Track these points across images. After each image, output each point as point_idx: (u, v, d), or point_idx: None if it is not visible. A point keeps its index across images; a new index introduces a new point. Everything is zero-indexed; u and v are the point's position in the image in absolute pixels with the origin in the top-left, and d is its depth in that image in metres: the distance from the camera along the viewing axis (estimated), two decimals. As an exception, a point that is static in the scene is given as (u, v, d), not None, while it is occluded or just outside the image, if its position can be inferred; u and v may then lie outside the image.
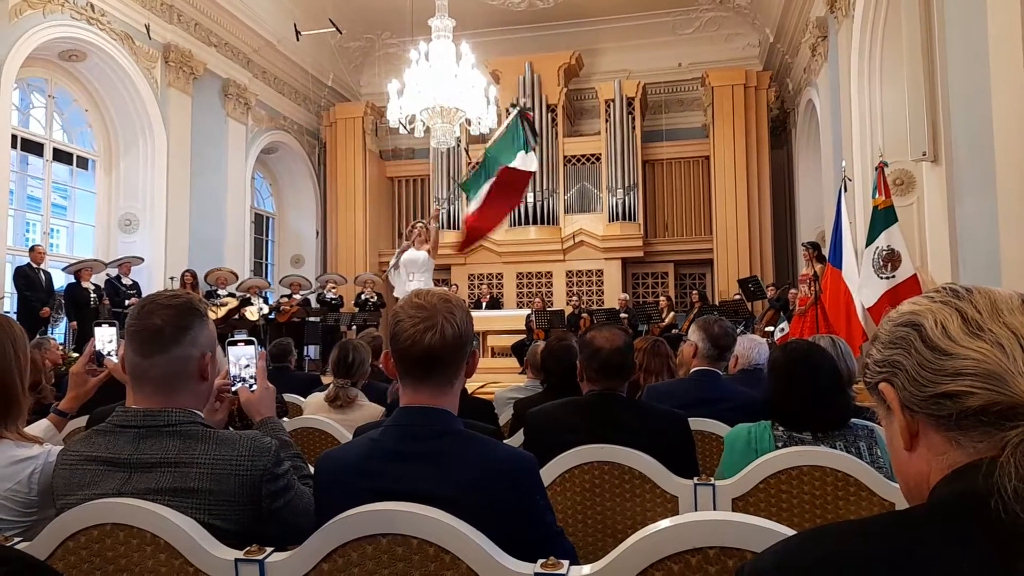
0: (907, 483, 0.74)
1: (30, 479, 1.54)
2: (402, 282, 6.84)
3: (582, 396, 2.26)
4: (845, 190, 6.92)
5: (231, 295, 10.41)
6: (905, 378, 0.70)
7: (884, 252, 6.05)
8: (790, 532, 1.06)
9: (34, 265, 8.24)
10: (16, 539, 1.36)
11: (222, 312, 9.68)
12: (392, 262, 7.13)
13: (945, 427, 0.68)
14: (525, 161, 6.84)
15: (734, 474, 1.86)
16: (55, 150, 9.74)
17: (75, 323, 8.47)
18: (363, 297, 11.67)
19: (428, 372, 1.37)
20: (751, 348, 3.14)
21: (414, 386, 1.39)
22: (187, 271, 9.99)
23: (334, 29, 11.84)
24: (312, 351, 11.32)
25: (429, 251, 6.87)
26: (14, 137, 8.75)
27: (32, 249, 8.38)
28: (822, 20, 9.46)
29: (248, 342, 1.76)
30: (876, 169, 6.41)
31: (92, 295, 8.75)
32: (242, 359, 1.73)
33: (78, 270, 8.79)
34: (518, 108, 7.20)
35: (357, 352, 3.22)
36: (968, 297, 0.71)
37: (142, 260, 9.75)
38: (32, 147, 9.52)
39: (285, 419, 2.93)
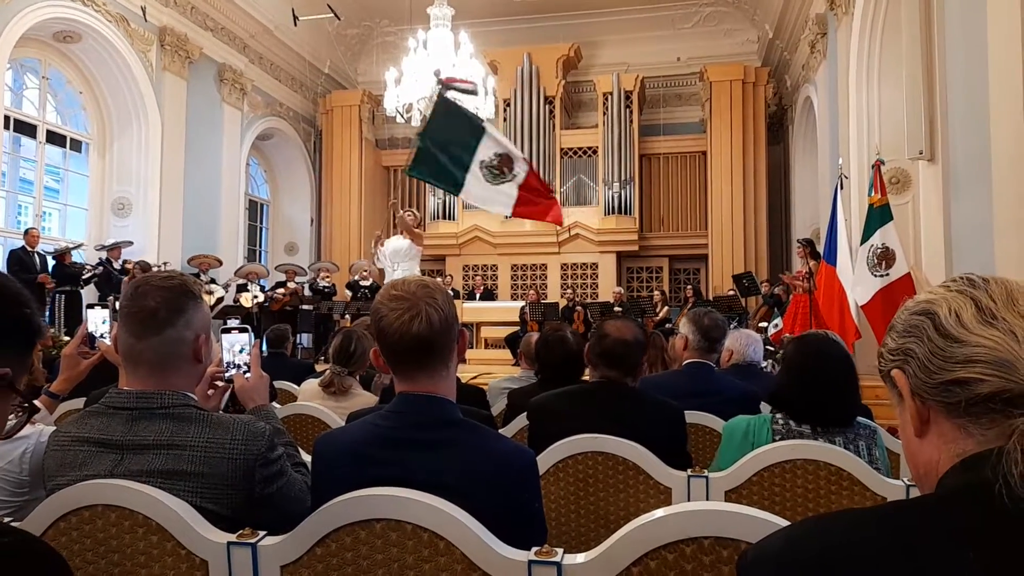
0: (917, 469, 0.74)
1: (21, 459, 1.54)
2: (388, 273, 6.63)
3: (583, 384, 2.27)
4: (841, 187, 6.92)
5: (213, 281, 10.29)
6: (917, 365, 0.71)
7: (879, 250, 6.06)
8: (784, 522, 1.06)
9: (28, 248, 8.27)
10: (7, 519, 1.35)
11: (211, 300, 9.61)
12: (374, 252, 6.77)
13: (955, 414, 0.68)
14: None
15: (730, 464, 1.87)
16: (48, 132, 9.66)
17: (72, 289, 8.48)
18: (359, 282, 11.59)
19: (421, 360, 1.36)
20: (746, 344, 3.14)
21: (410, 376, 1.38)
22: (136, 264, 9.08)
23: (332, 15, 11.77)
24: (305, 339, 11.28)
25: (413, 239, 6.53)
26: (7, 118, 8.68)
27: (27, 232, 8.41)
28: (822, 17, 9.45)
29: (242, 329, 1.76)
30: (873, 167, 6.40)
31: (82, 272, 8.79)
32: (236, 346, 1.73)
33: (61, 254, 8.77)
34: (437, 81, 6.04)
35: (360, 342, 3.20)
36: (984, 286, 0.71)
37: (131, 243, 9.69)
38: (25, 128, 9.44)
39: (276, 404, 2.92)
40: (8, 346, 0.80)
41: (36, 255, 8.34)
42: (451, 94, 5.84)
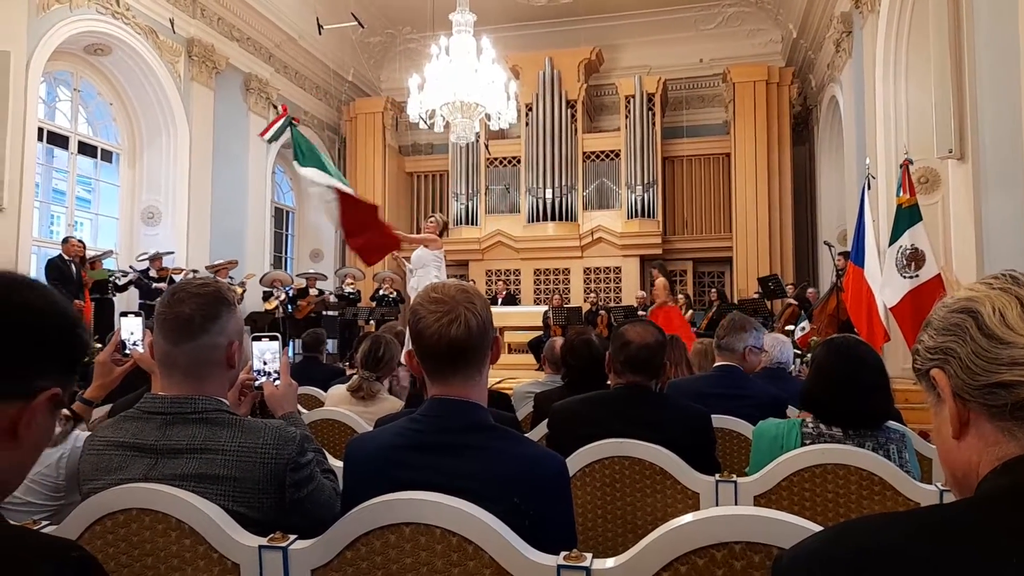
0: (954, 473, 0.72)
1: (58, 464, 1.57)
2: (410, 279, 6.82)
3: (607, 390, 2.26)
4: (869, 188, 6.82)
5: (230, 279, 10.37)
6: (958, 366, 0.69)
7: (908, 251, 5.96)
8: (816, 527, 1.05)
9: (66, 257, 8.27)
10: (44, 523, 1.38)
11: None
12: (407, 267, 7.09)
13: (998, 417, 0.66)
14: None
15: (760, 468, 1.85)
16: (80, 143, 9.86)
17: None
18: (381, 293, 11.69)
19: (457, 364, 1.37)
20: (774, 346, 3.12)
21: (444, 379, 1.39)
22: (78, 240, 8.60)
23: (356, 24, 11.88)
24: (330, 345, 11.38)
25: (426, 245, 6.77)
26: (40, 130, 8.87)
27: (65, 241, 8.43)
28: (847, 15, 9.34)
29: (272, 337, 1.79)
30: (901, 167, 6.31)
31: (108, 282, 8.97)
32: (266, 354, 1.76)
33: (92, 260, 8.84)
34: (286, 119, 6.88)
35: (388, 347, 3.22)
36: None
37: (172, 253, 9.89)
38: (58, 140, 9.64)
39: (303, 410, 2.95)
40: (59, 363, 0.82)
41: (73, 264, 8.37)
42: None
